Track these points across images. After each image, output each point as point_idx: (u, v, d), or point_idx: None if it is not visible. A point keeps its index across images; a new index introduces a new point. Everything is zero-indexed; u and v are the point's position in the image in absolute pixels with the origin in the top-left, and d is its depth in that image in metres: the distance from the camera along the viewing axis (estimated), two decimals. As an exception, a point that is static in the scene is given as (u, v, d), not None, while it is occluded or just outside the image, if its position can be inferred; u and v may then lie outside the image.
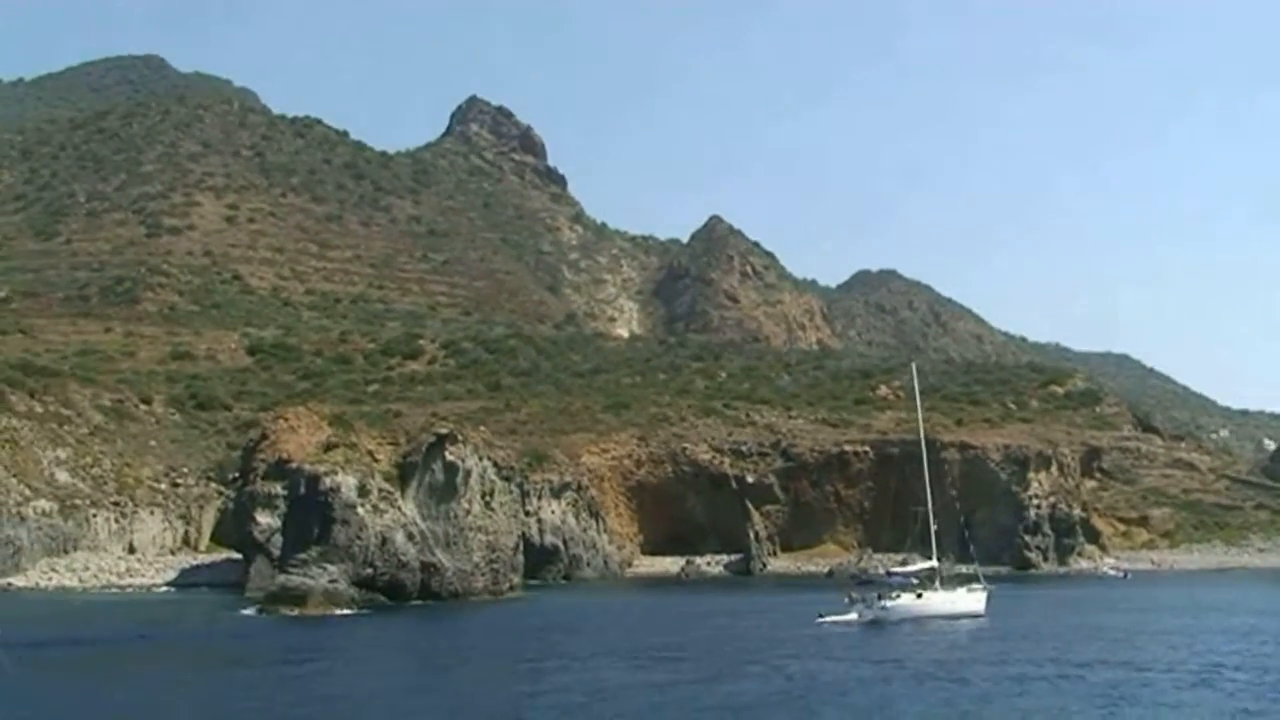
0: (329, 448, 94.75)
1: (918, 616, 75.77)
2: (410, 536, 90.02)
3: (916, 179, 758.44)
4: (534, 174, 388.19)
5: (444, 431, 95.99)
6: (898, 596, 77.13)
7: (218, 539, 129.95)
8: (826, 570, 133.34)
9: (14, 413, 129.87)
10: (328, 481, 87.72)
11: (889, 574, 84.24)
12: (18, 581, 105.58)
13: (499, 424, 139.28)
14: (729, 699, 45.46)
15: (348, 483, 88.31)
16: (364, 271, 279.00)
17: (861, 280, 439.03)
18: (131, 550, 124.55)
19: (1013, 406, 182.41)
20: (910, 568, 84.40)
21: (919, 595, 77.77)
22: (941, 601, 78.40)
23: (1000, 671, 52.41)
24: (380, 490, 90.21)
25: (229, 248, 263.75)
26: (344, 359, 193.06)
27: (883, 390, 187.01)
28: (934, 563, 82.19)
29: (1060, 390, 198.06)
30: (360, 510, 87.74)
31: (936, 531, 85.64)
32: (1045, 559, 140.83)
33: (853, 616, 74.57)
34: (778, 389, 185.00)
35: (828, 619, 73.44)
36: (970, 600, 79.75)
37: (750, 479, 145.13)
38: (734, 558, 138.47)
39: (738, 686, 48.95)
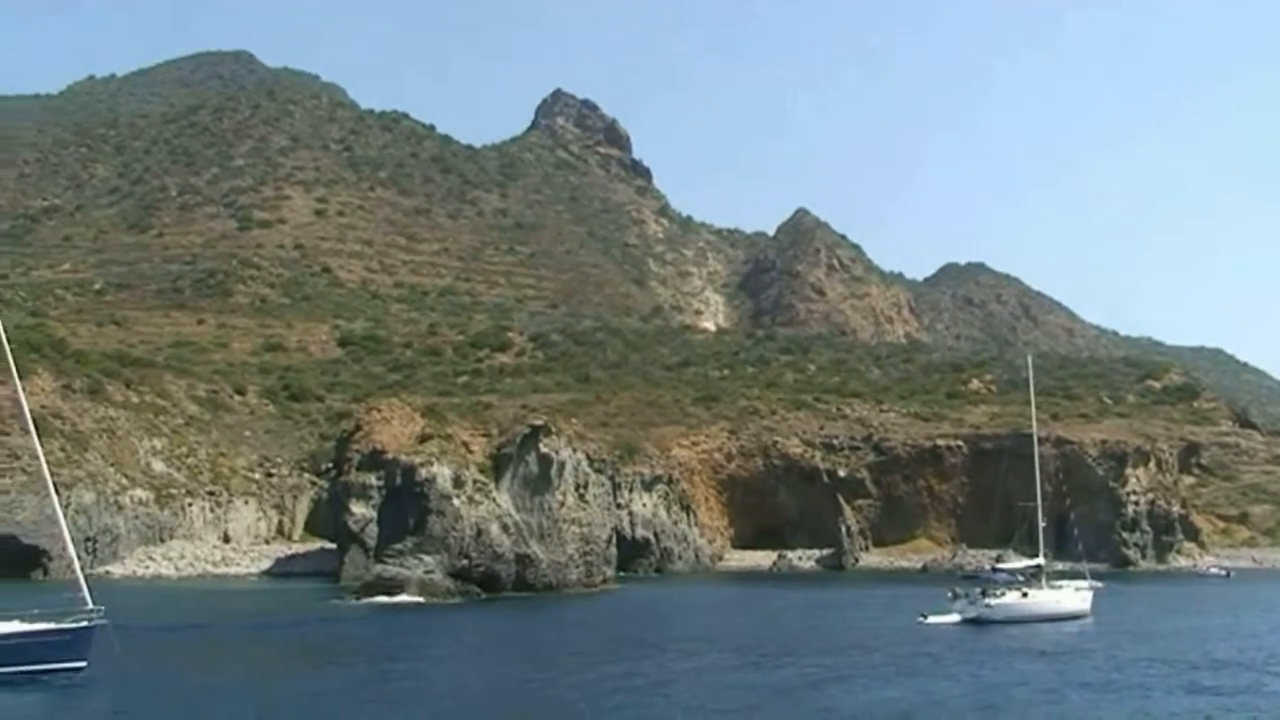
0: (424, 439, 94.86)
1: (1023, 616, 73.65)
2: (505, 528, 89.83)
3: (1009, 171, 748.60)
4: (619, 167, 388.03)
5: (538, 423, 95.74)
6: (1002, 594, 75.16)
7: (311, 529, 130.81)
8: (920, 566, 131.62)
9: (111, 403, 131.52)
10: (423, 472, 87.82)
11: (994, 570, 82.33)
12: (115, 570, 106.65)
13: (589, 416, 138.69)
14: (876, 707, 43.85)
15: (443, 474, 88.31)
16: (451, 264, 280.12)
17: (949, 273, 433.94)
18: (226, 539, 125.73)
19: (1109, 401, 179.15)
20: (1016, 564, 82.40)
21: (1024, 594, 75.79)
22: (1047, 600, 76.40)
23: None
24: (475, 481, 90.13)
25: (319, 241, 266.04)
26: (433, 351, 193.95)
27: (974, 384, 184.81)
28: (1040, 560, 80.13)
29: (1157, 385, 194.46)
30: (455, 501, 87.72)
31: (1027, 529, 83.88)
32: (1144, 556, 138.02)
33: (956, 617, 72.61)
34: (868, 382, 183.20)
35: (930, 619, 71.85)
36: (1076, 599, 77.71)
37: (842, 473, 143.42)
38: (825, 552, 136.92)
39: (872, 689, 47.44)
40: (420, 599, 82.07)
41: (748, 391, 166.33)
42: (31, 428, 54.36)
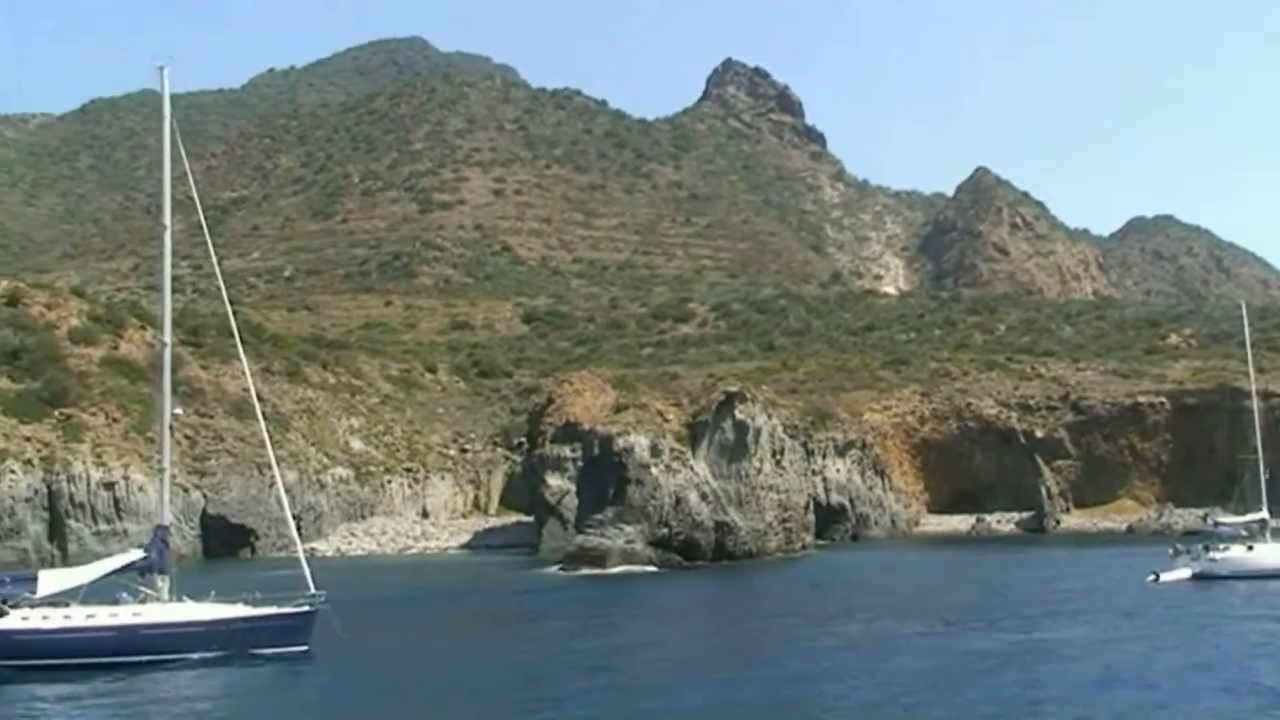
0: (619, 409, 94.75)
1: (1249, 571, 70.76)
2: (703, 496, 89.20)
3: (1190, 114, 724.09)
4: (792, 133, 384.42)
5: (733, 390, 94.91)
6: (1226, 549, 72.39)
7: (506, 502, 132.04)
8: (1125, 526, 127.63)
9: (309, 384, 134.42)
10: (621, 443, 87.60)
11: (1216, 525, 79.46)
12: (320, 546, 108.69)
13: (777, 383, 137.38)
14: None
15: (640, 443, 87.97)
16: (629, 238, 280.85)
17: (1136, 227, 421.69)
18: (425, 514, 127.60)
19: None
20: (1240, 518, 79.16)
21: (1250, 548, 72.78)
22: (1273, 554, 73.24)
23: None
24: (672, 450, 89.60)
25: (498, 220, 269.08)
26: (616, 324, 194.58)
27: (1173, 339, 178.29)
28: (1264, 514, 76.77)
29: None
30: (654, 470, 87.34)
31: (1250, 483, 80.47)
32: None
33: (1186, 574, 70.16)
34: (1061, 340, 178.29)
35: (1165, 577, 69.29)
36: None
37: (1039, 433, 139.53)
38: (1025, 515, 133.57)
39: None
40: (622, 568, 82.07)
41: (937, 354, 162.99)
42: (260, 417, 55.58)
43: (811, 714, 35.18)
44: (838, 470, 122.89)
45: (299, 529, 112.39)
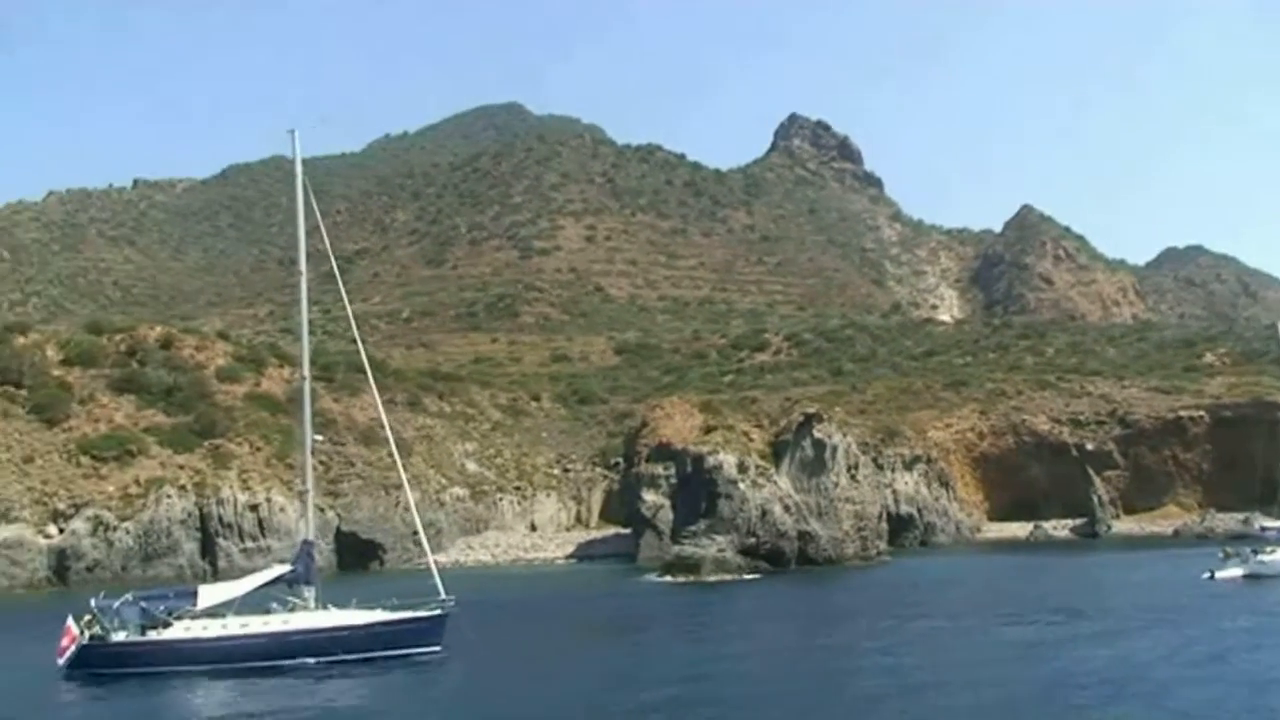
0: (708, 430, 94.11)
1: None
2: (786, 508, 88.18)
3: (1216, 150, 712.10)
4: (853, 179, 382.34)
5: (811, 411, 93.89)
6: (1273, 551, 70.54)
7: (605, 516, 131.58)
8: (1171, 531, 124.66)
9: (428, 413, 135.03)
10: (711, 460, 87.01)
11: (1263, 529, 77.53)
12: (440, 558, 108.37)
13: (848, 405, 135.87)
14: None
15: (728, 461, 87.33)
16: (708, 277, 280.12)
17: (1169, 256, 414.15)
18: (533, 528, 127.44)
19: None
20: None
21: None
22: None
23: None
24: (757, 466, 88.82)
25: (590, 264, 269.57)
26: (699, 354, 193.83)
27: (1208, 357, 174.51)
28: (1312, 518, 74.83)
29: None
30: (741, 485, 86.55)
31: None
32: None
33: (1239, 572, 68.44)
34: (1105, 361, 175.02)
35: (1219, 575, 67.69)
36: None
37: (1090, 446, 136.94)
38: (1078, 521, 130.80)
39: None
40: (715, 575, 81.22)
41: (993, 375, 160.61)
42: (392, 443, 55.96)
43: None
44: (906, 483, 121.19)
45: (420, 544, 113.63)
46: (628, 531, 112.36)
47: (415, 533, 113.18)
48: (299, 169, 50.07)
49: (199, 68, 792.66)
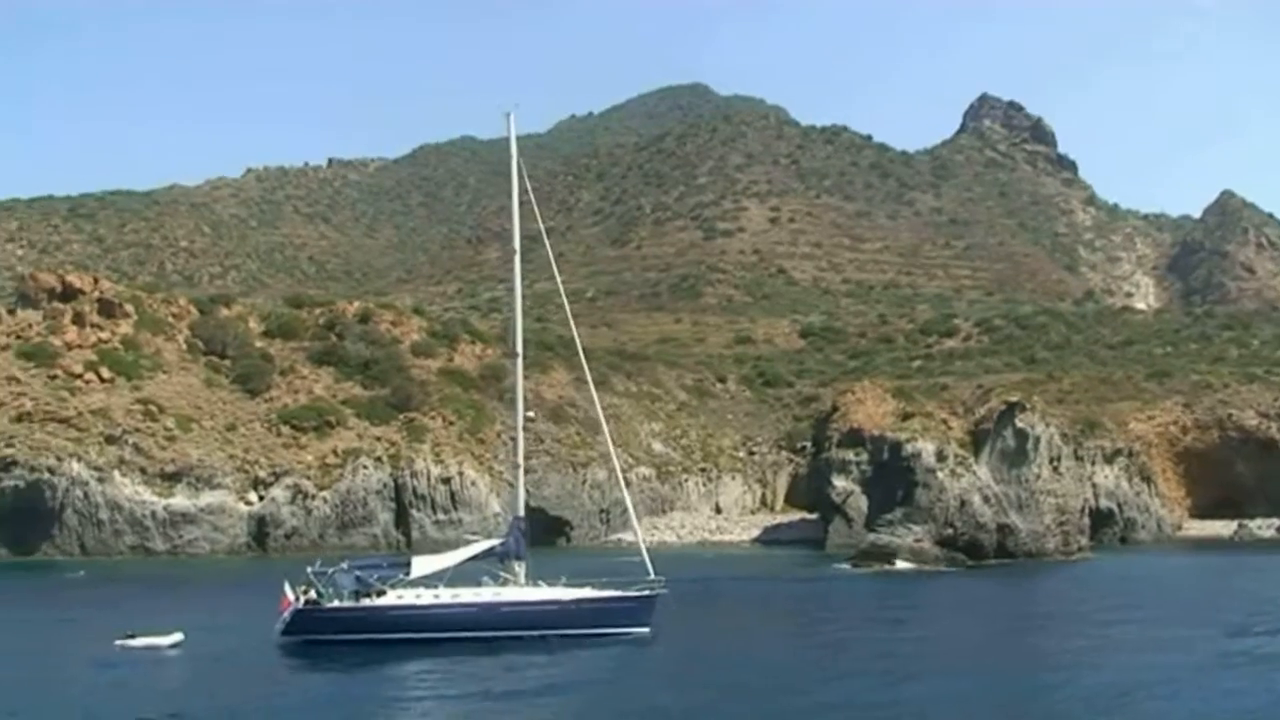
0: (906, 417, 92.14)
1: None
2: (986, 499, 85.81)
3: None
4: (1046, 162, 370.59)
5: (1014, 400, 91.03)
6: None
7: (790, 500, 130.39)
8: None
9: (614, 392, 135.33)
10: (909, 448, 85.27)
11: None
12: (626, 537, 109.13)
13: (1044, 394, 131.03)
14: None
15: (927, 449, 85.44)
16: (893, 260, 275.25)
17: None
18: (718, 510, 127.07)
19: None
20: None
21: None
22: None
23: None
24: (956, 455, 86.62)
25: (774, 245, 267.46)
26: (886, 339, 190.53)
27: None
28: None
29: None
30: (939, 474, 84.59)
31: None
32: None
33: None
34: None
35: None
36: None
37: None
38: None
39: None
40: (911, 565, 79.48)
41: (1196, 367, 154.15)
42: (602, 420, 56.67)
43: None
44: (1106, 476, 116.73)
45: (607, 520, 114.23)
46: (814, 517, 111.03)
47: (624, 510, 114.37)
48: (514, 149, 51.21)
49: (392, 52, 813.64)
